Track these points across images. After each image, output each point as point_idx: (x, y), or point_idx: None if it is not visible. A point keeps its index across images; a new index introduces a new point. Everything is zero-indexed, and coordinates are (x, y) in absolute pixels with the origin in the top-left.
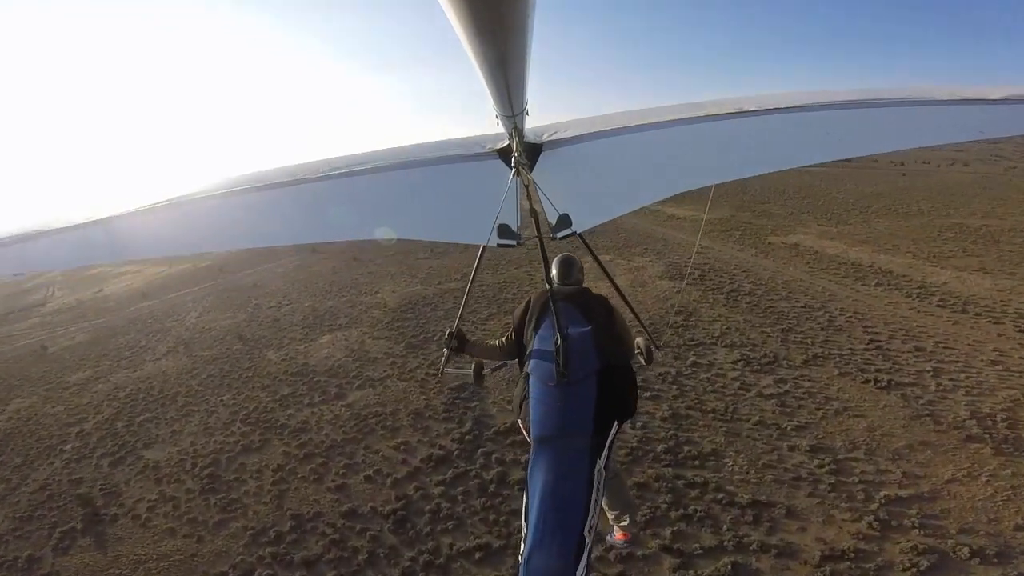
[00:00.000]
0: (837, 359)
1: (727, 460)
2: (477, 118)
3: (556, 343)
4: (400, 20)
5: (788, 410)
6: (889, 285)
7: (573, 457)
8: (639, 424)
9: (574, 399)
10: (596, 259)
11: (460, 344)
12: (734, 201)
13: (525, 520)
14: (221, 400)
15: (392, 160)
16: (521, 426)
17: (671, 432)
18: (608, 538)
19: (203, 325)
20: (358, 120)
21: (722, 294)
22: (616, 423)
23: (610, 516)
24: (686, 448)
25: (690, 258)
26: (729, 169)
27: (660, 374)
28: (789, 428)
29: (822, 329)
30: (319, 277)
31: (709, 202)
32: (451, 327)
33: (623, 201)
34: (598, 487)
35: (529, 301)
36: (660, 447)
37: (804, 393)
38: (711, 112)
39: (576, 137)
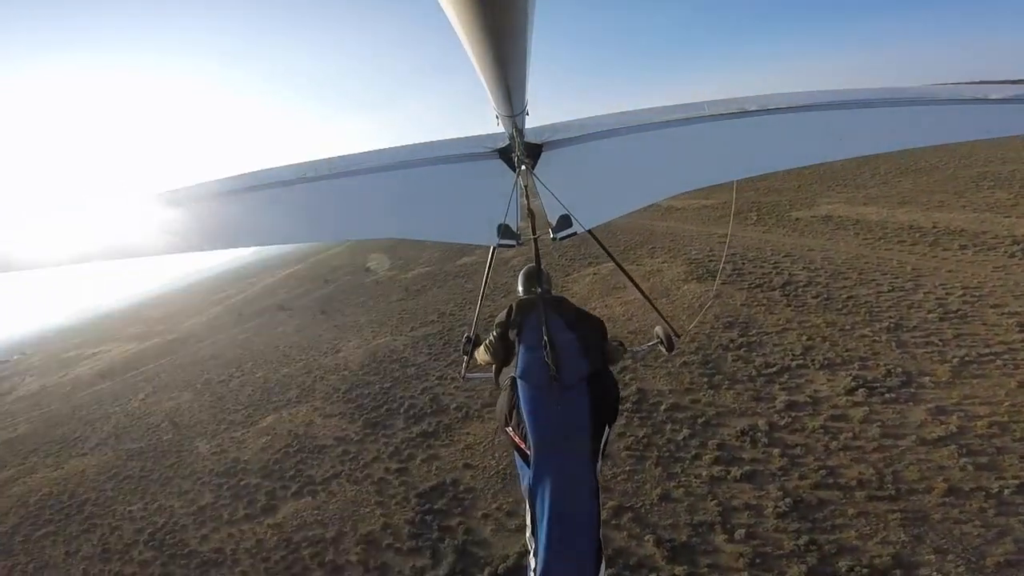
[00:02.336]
0: (996, 363)
1: (928, 571)
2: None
3: (545, 347)
4: (359, 59)
5: (984, 460)
6: (976, 246)
7: (577, 463)
8: (738, 534)
9: (570, 404)
10: (609, 254)
11: (474, 350)
12: (728, 183)
13: (532, 534)
14: (130, 511)
15: (393, 160)
16: (512, 435)
17: (804, 537)
18: None
19: (144, 409)
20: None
21: (775, 290)
22: (607, 427)
23: None
24: (842, 564)
25: (718, 251)
26: (731, 169)
27: (743, 431)
28: (1007, 492)
29: (940, 319)
30: (281, 339)
31: (734, 188)
32: (468, 332)
33: (624, 201)
34: (600, 492)
35: (512, 307)
36: (794, 570)
37: (991, 428)
38: (713, 112)
39: (577, 137)
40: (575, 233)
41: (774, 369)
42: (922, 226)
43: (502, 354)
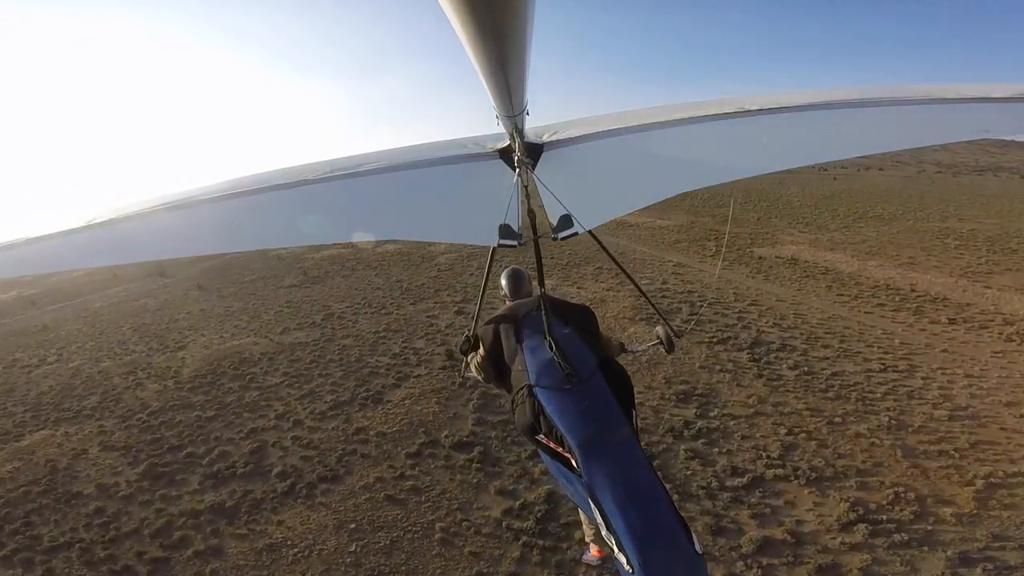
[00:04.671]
0: None
1: None
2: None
3: (551, 346)
4: (333, 18)
5: None
6: (966, 322)
7: (625, 448)
8: None
9: (594, 395)
10: (608, 254)
11: (472, 351)
12: (685, 205)
13: (609, 530)
14: None
15: (394, 161)
16: (546, 443)
17: None
18: (583, 555)
19: None
20: (307, 132)
21: (743, 350)
22: (633, 411)
23: (589, 531)
24: None
25: (701, 305)
26: (732, 169)
27: None
28: None
29: (949, 419)
30: (134, 316)
31: (731, 208)
32: (468, 332)
33: (625, 201)
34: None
35: (499, 318)
36: None
37: None
38: (713, 112)
39: (578, 137)
40: (576, 233)
41: (743, 480)
42: (899, 287)
43: (495, 375)
